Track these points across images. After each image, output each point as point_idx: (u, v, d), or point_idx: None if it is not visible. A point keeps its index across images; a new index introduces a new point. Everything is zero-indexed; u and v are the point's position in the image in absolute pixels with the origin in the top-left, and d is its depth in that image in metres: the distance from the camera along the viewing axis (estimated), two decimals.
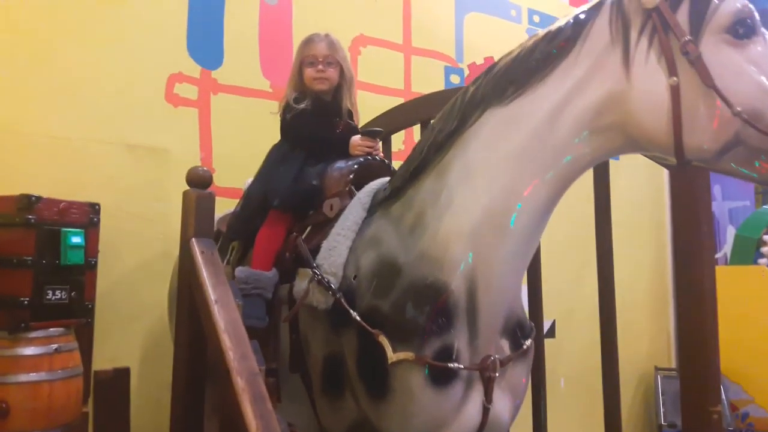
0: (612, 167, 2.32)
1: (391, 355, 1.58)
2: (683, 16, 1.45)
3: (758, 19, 1.44)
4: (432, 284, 1.61)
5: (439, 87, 4.09)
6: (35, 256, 2.23)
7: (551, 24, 1.60)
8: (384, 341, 1.59)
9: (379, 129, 2.32)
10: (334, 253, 1.80)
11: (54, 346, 2.22)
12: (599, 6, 1.55)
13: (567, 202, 1.68)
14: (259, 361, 1.60)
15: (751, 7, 1.44)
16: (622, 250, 2.60)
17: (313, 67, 2.19)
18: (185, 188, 1.96)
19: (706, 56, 1.41)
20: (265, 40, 3.51)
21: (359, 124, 2.38)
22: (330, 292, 1.74)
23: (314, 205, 2.06)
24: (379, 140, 2.23)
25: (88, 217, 2.49)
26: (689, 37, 1.42)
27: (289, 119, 2.19)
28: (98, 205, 2.55)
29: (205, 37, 3.32)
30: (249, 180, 2.32)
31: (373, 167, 2.12)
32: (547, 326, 3.80)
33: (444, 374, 1.57)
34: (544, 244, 1.93)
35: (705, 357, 1.86)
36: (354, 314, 1.67)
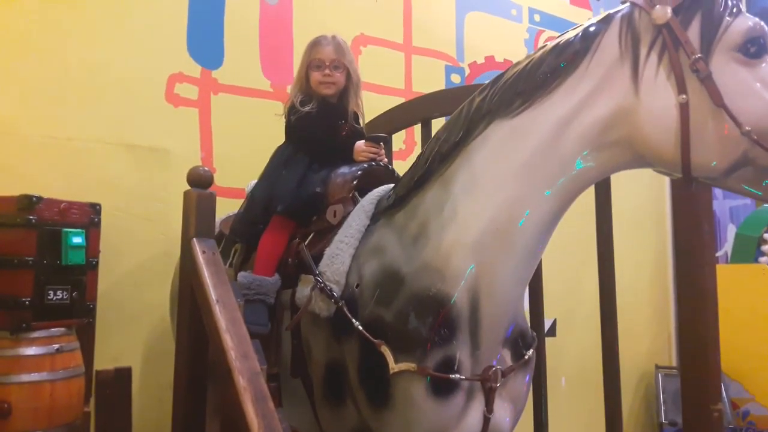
0: None
1: (393, 366, 1.57)
2: (694, 33, 1.42)
3: None
4: (435, 295, 1.60)
5: (440, 86, 4.08)
6: (36, 257, 2.23)
7: (557, 33, 1.59)
8: (386, 351, 1.59)
9: (384, 135, 2.30)
10: (336, 261, 1.80)
11: (55, 346, 2.22)
12: (609, 19, 1.53)
13: None
14: (260, 361, 1.60)
15: (763, 24, 1.42)
16: (623, 248, 2.60)
17: (319, 70, 2.17)
18: (186, 188, 1.96)
19: (716, 74, 1.39)
20: (265, 40, 3.51)
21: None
22: (332, 300, 1.74)
23: (318, 211, 2.04)
24: (383, 145, 2.21)
25: (89, 217, 2.49)
26: (699, 55, 1.40)
27: (294, 122, 2.18)
28: (99, 205, 2.55)
29: (206, 37, 3.31)
30: (252, 182, 2.31)
31: (377, 173, 2.11)
32: (548, 325, 3.81)
33: (445, 385, 1.57)
34: None
35: (705, 355, 1.85)
36: (356, 323, 1.66)
